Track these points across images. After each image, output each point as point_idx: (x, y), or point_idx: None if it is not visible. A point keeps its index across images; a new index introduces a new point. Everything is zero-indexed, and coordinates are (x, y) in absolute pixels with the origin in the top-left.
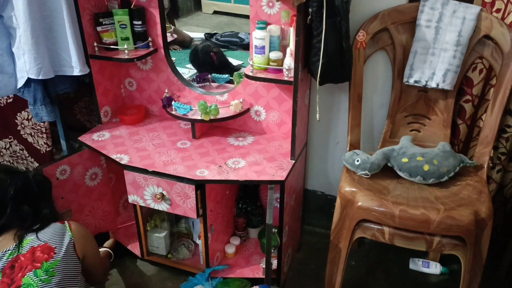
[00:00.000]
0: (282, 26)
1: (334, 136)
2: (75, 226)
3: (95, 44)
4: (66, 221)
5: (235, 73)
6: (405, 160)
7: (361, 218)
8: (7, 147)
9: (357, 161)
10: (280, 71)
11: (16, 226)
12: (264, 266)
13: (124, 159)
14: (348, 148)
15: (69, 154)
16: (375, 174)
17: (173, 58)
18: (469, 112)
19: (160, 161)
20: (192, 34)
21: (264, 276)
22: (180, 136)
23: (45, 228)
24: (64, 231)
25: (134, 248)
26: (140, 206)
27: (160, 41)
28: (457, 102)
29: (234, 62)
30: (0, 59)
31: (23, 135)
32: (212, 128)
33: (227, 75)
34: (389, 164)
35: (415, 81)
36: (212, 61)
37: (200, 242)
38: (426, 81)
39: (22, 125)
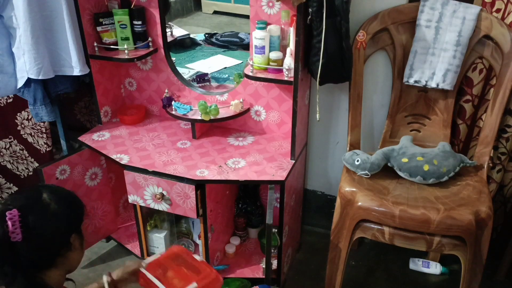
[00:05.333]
0: (282, 26)
1: (334, 136)
2: None
3: (95, 44)
4: None
5: (235, 73)
6: (405, 160)
7: (361, 218)
8: (7, 147)
9: (357, 161)
10: (280, 71)
11: None
12: (264, 266)
13: (124, 159)
14: (348, 148)
15: (69, 154)
16: (375, 174)
17: (173, 58)
18: (469, 112)
19: (160, 161)
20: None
21: (264, 276)
22: (180, 136)
23: None
24: None
25: (134, 248)
26: (140, 206)
27: (160, 41)
28: (457, 102)
29: (234, 62)
30: (0, 59)
31: (23, 135)
32: (212, 128)
33: (227, 75)
34: (389, 164)
35: (415, 81)
36: None
37: (200, 242)
38: (426, 81)
39: (22, 125)
